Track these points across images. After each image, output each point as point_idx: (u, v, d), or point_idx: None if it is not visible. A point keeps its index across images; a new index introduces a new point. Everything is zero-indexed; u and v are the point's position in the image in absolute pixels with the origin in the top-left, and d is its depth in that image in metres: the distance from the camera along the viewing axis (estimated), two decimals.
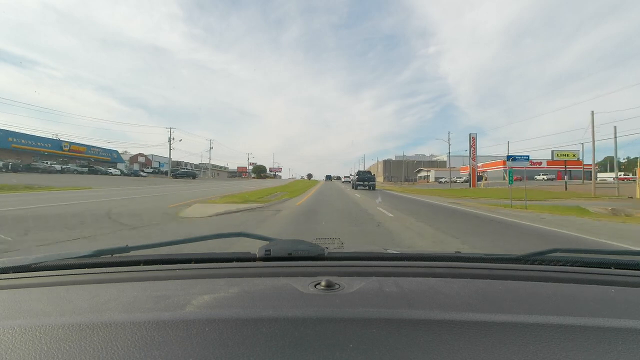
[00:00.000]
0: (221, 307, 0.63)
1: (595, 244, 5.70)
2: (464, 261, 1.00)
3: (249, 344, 0.50)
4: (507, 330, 0.54)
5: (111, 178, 37.21)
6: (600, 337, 0.53)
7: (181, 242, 1.05)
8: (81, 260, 0.94)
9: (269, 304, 0.64)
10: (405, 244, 5.29)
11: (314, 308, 0.62)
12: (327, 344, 0.50)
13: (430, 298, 0.70)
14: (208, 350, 0.48)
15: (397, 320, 0.57)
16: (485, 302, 0.68)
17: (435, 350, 0.49)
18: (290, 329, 0.54)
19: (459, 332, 0.53)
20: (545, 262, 0.95)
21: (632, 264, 0.94)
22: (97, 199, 12.81)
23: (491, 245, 5.39)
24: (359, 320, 0.57)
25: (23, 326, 0.55)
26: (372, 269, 0.90)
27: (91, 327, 0.55)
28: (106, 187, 21.30)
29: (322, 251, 0.98)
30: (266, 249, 0.96)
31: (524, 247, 5.33)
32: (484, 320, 0.57)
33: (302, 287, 0.72)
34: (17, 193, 14.83)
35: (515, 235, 6.47)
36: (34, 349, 0.49)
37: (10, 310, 0.65)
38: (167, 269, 0.91)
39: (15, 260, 0.92)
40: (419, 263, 0.96)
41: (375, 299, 0.67)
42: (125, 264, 0.96)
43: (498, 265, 0.95)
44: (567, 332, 0.54)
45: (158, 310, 0.61)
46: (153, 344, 0.50)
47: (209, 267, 0.93)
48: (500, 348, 0.50)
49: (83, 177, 33.83)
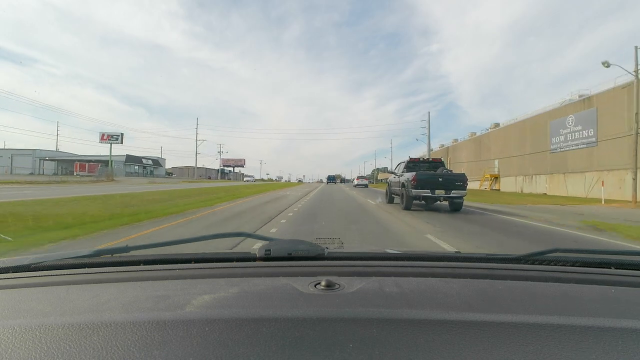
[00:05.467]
0: (221, 307, 0.63)
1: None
2: (464, 261, 1.00)
3: (249, 344, 0.50)
4: (507, 330, 0.54)
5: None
6: (600, 337, 0.53)
7: (181, 242, 1.05)
8: (81, 260, 0.94)
9: (269, 304, 0.64)
10: None
11: (314, 308, 0.62)
12: (327, 343, 0.50)
13: (430, 298, 0.70)
14: (208, 350, 0.48)
15: (397, 320, 0.57)
16: (485, 302, 0.68)
17: (436, 350, 0.49)
18: (290, 329, 0.54)
19: (459, 332, 0.53)
20: (546, 262, 0.95)
21: (633, 264, 0.94)
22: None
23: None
24: (359, 320, 0.57)
25: (23, 326, 0.55)
26: (372, 269, 0.90)
27: (91, 327, 0.55)
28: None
29: (322, 251, 0.97)
30: (266, 249, 0.96)
31: None
32: (484, 320, 0.57)
33: (302, 287, 0.72)
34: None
35: None
36: (34, 348, 0.49)
37: (10, 310, 0.65)
38: (167, 269, 0.91)
39: (15, 260, 0.92)
40: (419, 263, 0.96)
41: (375, 299, 0.67)
42: (125, 263, 0.96)
43: (498, 265, 0.95)
44: (567, 332, 0.53)
45: (158, 310, 0.61)
46: (153, 344, 0.50)
47: (209, 267, 0.93)
48: (500, 348, 0.49)
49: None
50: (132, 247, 1.03)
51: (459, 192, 10.24)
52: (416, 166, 12.47)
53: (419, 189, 10.24)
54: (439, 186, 10.22)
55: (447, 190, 10.19)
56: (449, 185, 10.24)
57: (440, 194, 10.23)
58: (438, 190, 10.20)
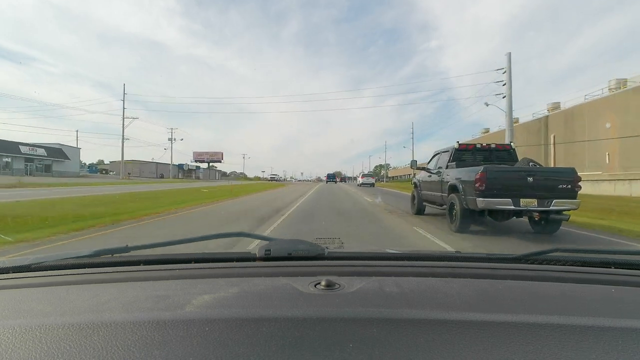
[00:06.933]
0: (221, 307, 0.63)
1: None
2: (464, 261, 1.00)
3: (249, 344, 0.50)
4: (507, 330, 0.54)
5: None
6: (601, 337, 0.53)
7: (181, 242, 1.06)
8: (81, 260, 0.94)
9: (269, 304, 0.64)
10: None
11: (314, 308, 0.62)
12: (327, 343, 0.50)
13: (430, 298, 0.70)
14: (208, 350, 0.48)
15: (397, 320, 0.57)
16: (486, 302, 0.68)
17: (436, 350, 0.49)
18: (290, 329, 0.54)
19: (459, 332, 0.53)
20: (546, 262, 0.95)
21: (633, 264, 0.94)
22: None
23: None
24: (359, 320, 0.57)
25: (23, 326, 0.55)
26: (372, 268, 0.90)
27: (91, 327, 0.55)
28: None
29: (322, 251, 0.97)
30: (266, 249, 0.96)
31: None
32: (484, 320, 0.57)
33: (302, 286, 0.72)
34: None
35: None
36: (34, 348, 0.49)
37: (10, 310, 0.65)
38: (167, 268, 0.91)
39: (15, 260, 0.93)
40: (419, 263, 0.96)
41: (375, 298, 0.67)
42: (125, 264, 0.96)
43: (498, 265, 0.95)
44: (567, 331, 0.53)
45: (158, 310, 0.61)
46: (153, 344, 0.50)
47: (209, 267, 0.94)
48: (500, 348, 0.49)
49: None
50: (132, 247, 1.03)
51: (565, 203, 5.61)
52: (471, 156, 7.56)
53: (492, 197, 5.58)
54: (528, 191, 5.59)
55: (542, 198, 5.57)
56: (546, 190, 5.64)
57: (531, 205, 5.56)
58: (526, 199, 5.57)
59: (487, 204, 5.63)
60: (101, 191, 18.36)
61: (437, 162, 8.38)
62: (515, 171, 6.06)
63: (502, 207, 5.62)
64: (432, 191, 8.13)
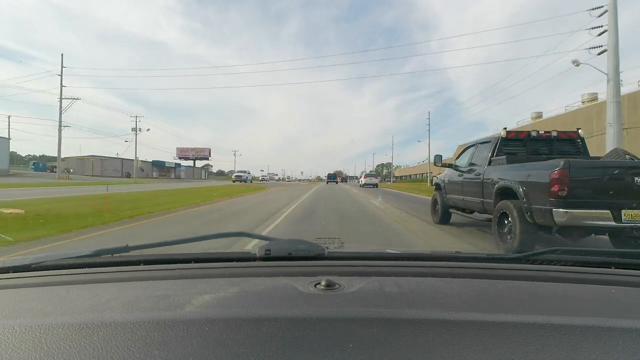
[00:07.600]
0: (221, 307, 0.63)
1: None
2: (464, 261, 1.00)
3: (249, 344, 0.50)
4: (507, 330, 0.54)
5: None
6: (600, 337, 0.53)
7: (181, 242, 1.06)
8: (81, 260, 0.94)
9: (269, 304, 0.64)
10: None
11: (314, 308, 0.62)
12: (327, 343, 0.50)
13: (430, 298, 0.70)
14: (208, 350, 0.48)
15: (397, 320, 0.57)
16: (485, 302, 0.68)
17: (436, 350, 0.49)
18: (290, 329, 0.54)
19: (459, 332, 0.53)
20: (546, 262, 0.95)
21: (633, 264, 0.94)
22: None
23: None
24: (359, 320, 0.57)
25: (23, 326, 0.55)
26: (372, 268, 0.90)
27: (91, 326, 0.55)
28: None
29: (322, 251, 0.97)
30: (266, 249, 0.96)
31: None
32: (484, 320, 0.57)
33: (302, 286, 0.72)
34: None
35: None
36: (34, 348, 0.49)
37: (10, 310, 0.65)
38: (167, 268, 0.91)
39: (15, 260, 0.93)
40: (419, 263, 0.96)
41: (375, 298, 0.67)
42: (125, 263, 0.96)
43: (498, 265, 0.95)
44: (567, 332, 0.53)
45: (158, 310, 0.61)
46: (153, 344, 0.50)
47: (209, 267, 0.94)
48: (500, 348, 0.50)
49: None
50: (132, 247, 1.03)
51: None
52: (522, 148, 5.60)
53: (579, 207, 3.76)
54: (634, 198, 3.79)
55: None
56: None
57: (636, 219, 3.72)
58: (631, 211, 3.73)
59: (571, 218, 3.68)
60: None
61: (470, 158, 6.41)
62: (618, 167, 3.95)
63: (595, 222, 3.68)
64: (465, 195, 6.21)
